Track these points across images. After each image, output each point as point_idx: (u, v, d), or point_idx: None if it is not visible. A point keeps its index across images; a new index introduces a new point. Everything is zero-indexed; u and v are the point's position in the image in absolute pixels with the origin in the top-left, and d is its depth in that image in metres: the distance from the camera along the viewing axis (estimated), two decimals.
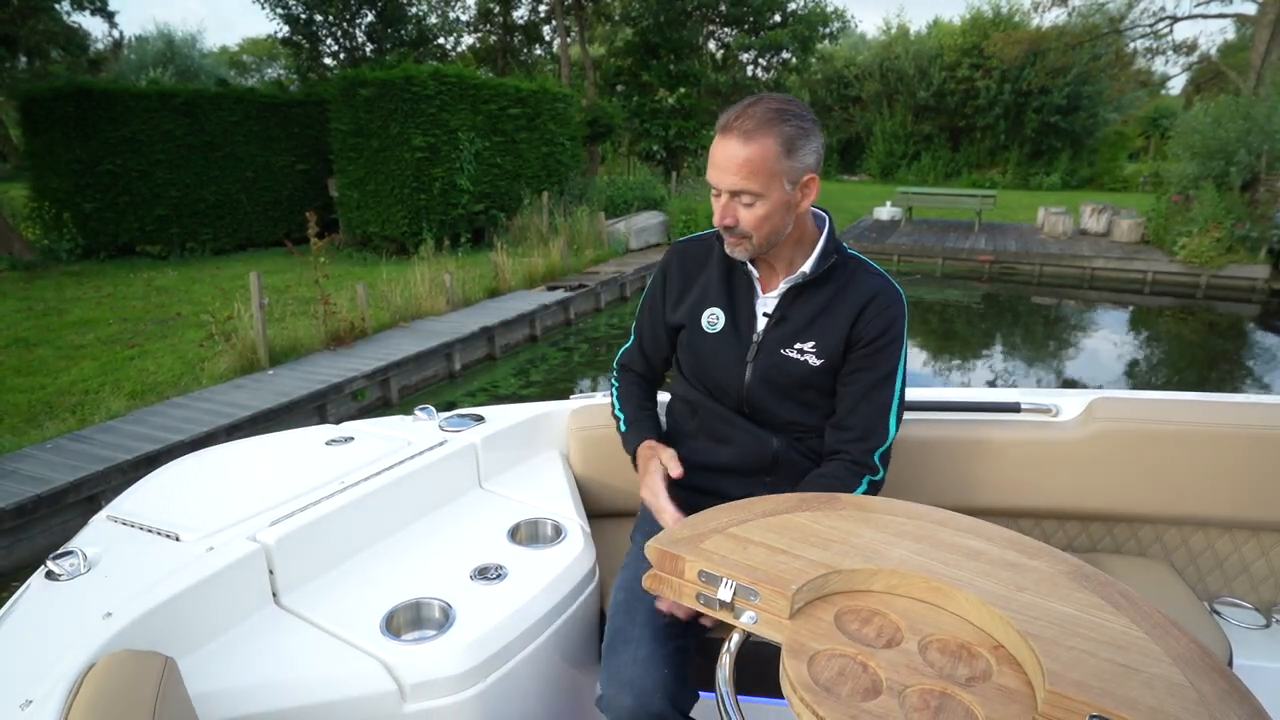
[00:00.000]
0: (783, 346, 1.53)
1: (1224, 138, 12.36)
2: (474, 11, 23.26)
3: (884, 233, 16.10)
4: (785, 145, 1.38)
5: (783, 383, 1.54)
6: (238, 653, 1.27)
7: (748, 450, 1.59)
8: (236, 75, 34.49)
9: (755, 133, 1.38)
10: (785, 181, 1.41)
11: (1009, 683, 0.91)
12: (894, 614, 1.04)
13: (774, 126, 1.37)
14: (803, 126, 1.40)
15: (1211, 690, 0.86)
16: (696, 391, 1.64)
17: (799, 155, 1.40)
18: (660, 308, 1.70)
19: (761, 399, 1.56)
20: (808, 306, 1.53)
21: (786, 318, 1.54)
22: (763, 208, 1.42)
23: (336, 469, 1.68)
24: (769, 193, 1.41)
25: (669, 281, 1.68)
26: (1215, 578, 1.91)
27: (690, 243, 1.69)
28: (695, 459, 1.63)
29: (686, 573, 1.10)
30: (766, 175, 1.39)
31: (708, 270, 1.63)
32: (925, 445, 1.90)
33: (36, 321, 8.22)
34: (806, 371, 1.52)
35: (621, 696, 1.30)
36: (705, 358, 1.60)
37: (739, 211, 1.43)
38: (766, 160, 1.38)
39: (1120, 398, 1.90)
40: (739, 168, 1.39)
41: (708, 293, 1.61)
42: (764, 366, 1.54)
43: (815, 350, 1.52)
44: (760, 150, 1.38)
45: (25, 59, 17.94)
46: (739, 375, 1.56)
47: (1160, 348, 9.98)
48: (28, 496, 4.20)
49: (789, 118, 1.39)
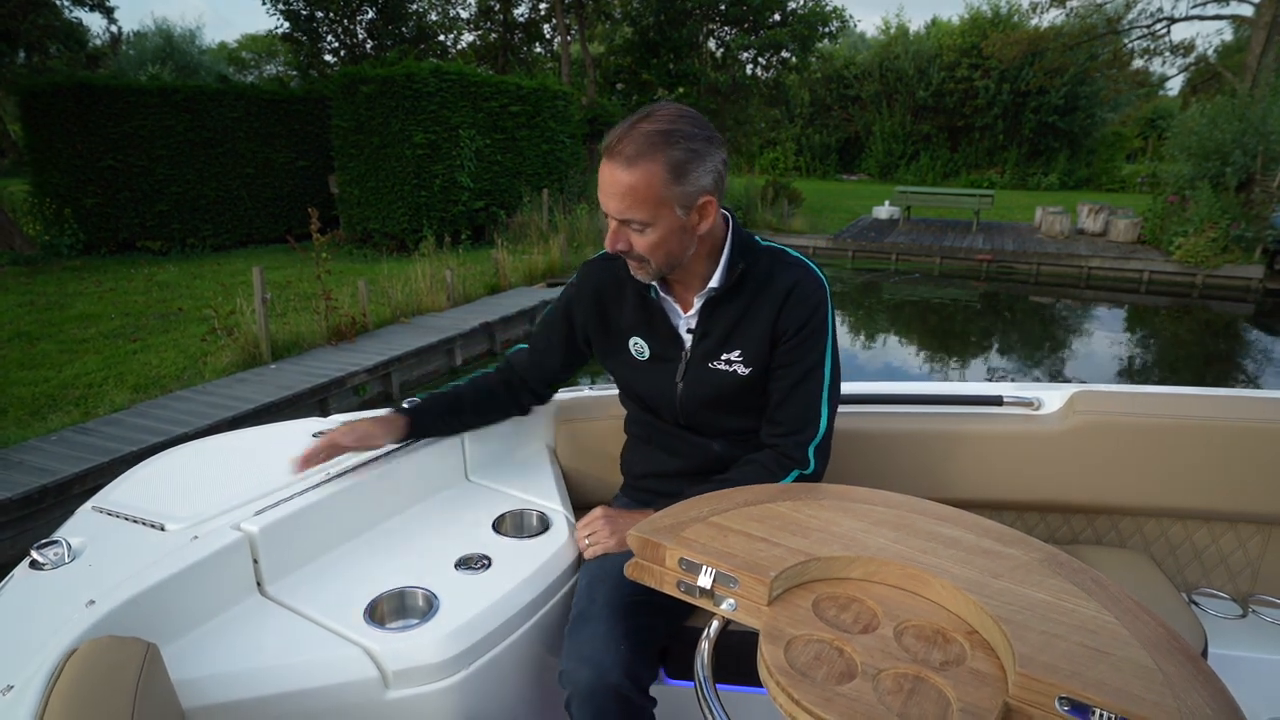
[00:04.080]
0: (710, 360, 1.51)
1: (1220, 139, 12.38)
2: (474, 9, 23.25)
3: (882, 232, 16.10)
4: (672, 171, 1.29)
5: (715, 395, 1.53)
6: (221, 640, 1.26)
7: (691, 457, 1.61)
8: (236, 72, 34.33)
9: (638, 159, 1.28)
10: (676, 208, 1.33)
11: (981, 666, 0.93)
12: (871, 600, 1.06)
13: (658, 151, 1.28)
14: (692, 148, 1.30)
15: (1177, 672, 0.89)
16: (636, 407, 1.67)
17: (689, 180, 1.31)
18: (560, 332, 1.68)
19: (697, 413, 1.56)
20: (727, 315, 1.49)
21: (708, 332, 1.51)
22: (653, 234, 1.35)
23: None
24: (657, 220, 1.33)
25: (577, 310, 1.64)
26: (1193, 569, 1.93)
27: (600, 267, 1.61)
28: (651, 466, 1.69)
29: (667, 560, 1.12)
30: (653, 203, 1.31)
31: (623, 296, 1.58)
32: (907, 438, 1.91)
33: (38, 316, 8.24)
34: (736, 381, 1.50)
35: (580, 670, 1.32)
36: (638, 383, 1.61)
37: (631, 237, 1.36)
38: (652, 188, 1.29)
39: (1101, 391, 1.92)
40: (622, 196, 1.31)
41: (628, 321, 1.58)
42: (694, 384, 1.53)
43: (742, 359, 1.49)
44: (644, 177, 1.29)
45: (24, 54, 17.89)
46: (671, 394, 1.56)
47: (1156, 346, 10.03)
48: (34, 487, 4.25)
49: (675, 140, 1.29)
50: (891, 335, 10.31)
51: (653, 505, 1.45)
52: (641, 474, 1.73)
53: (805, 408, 1.48)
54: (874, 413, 1.95)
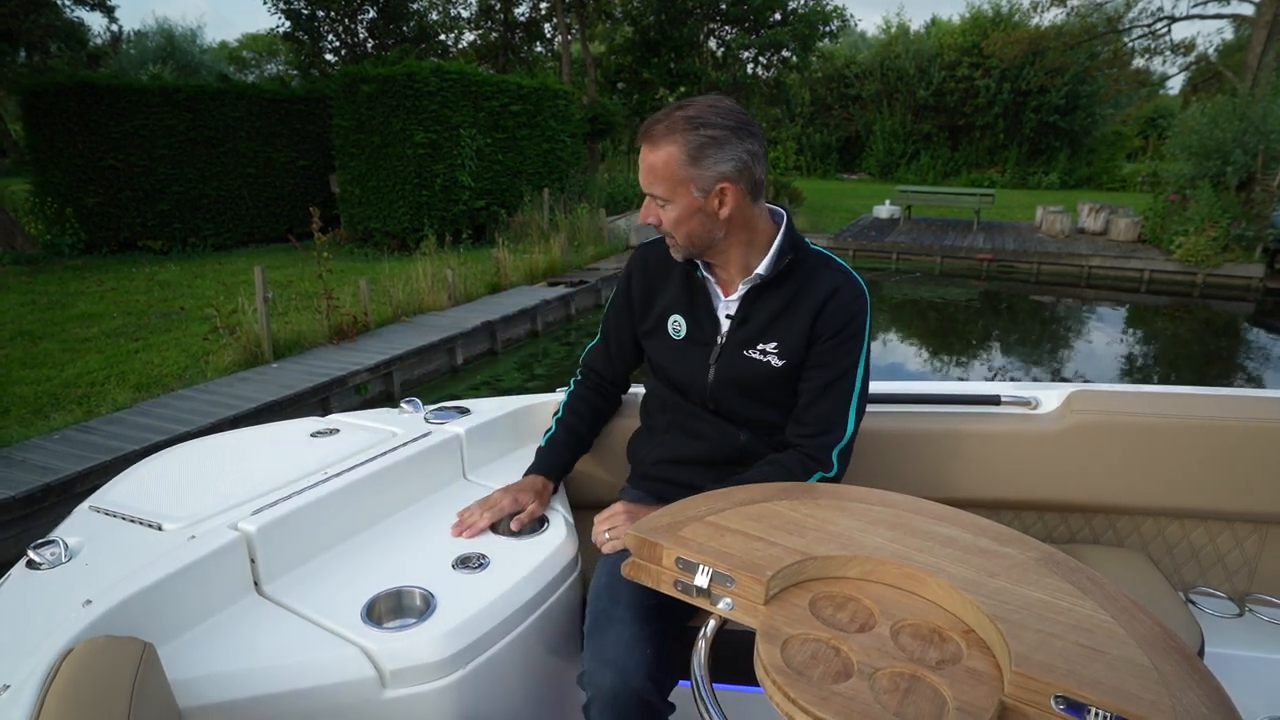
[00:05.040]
0: (745, 348, 1.55)
1: (1220, 138, 12.38)
2: (475, 8, 23.26)
3: (883, 231, 16.09)
4: (689, 154, 1.39)
5: (746, 383, 1.56)
6: (218, 640, 1.26)
7: (717, 444, 1.62)
8: (236, 71, 34.37)
9: (661, 139, 1.40)
10: (693, 189, 1.42)
11: (978, 665, 0.93)
12: (868, 599, 1.06)
13: (680, 134, 1.39)
14: (713, 135, 1.39)
15: (1172, 670, 0.89)
16: (666, 389, 1.68)
17: (706, 164, 1.40)
18: (625, 312, 1.73)
19: (726, 398, 1.59)
20: (768, 307, 1.53)
21: (748, 319, 1.55)
22: (673, 211, 1.45)
23: (320, 459, 1.68)
24: (675, 198, 1.43)
25: (633, 287, 1.70)
26: (1190, 568, 1.93)
27: (652, 248, 1.69)
28: (668, 453, 1.68)
29: (664, 560, 1.12)
30: (670, 181, 1.41)
31: (670, 276, 1.64)
32: (906, 438, 1.91)
33: (40, 315, 8.25)
34: (769, 372, 1.53)
35: (603, 673, 1.32)
36: (671, 362, 1.64)
37: (659, 212, 1.47)
38: (669, 166, 1.40)
39: (1098, 391, 1.92)
40: (646, 171, 1.43)
41: (671, 299, 1.63)
42: (726, 368, 1.56)
43: (777, 351, 1.52)
44: (664, 157, 1.40)
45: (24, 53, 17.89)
46: (703, 377, 1.59)
47: (1156, 346, 10.04)
48: (37, 485, 4.26)
49: (699, 126, 1.38)
50: (892, 334, 10.30)
51: (665, 497, 1.45)
52: (656, 460, 1.71)
53: (834, 410, 1.51)
54: (872, 412, 1.93)
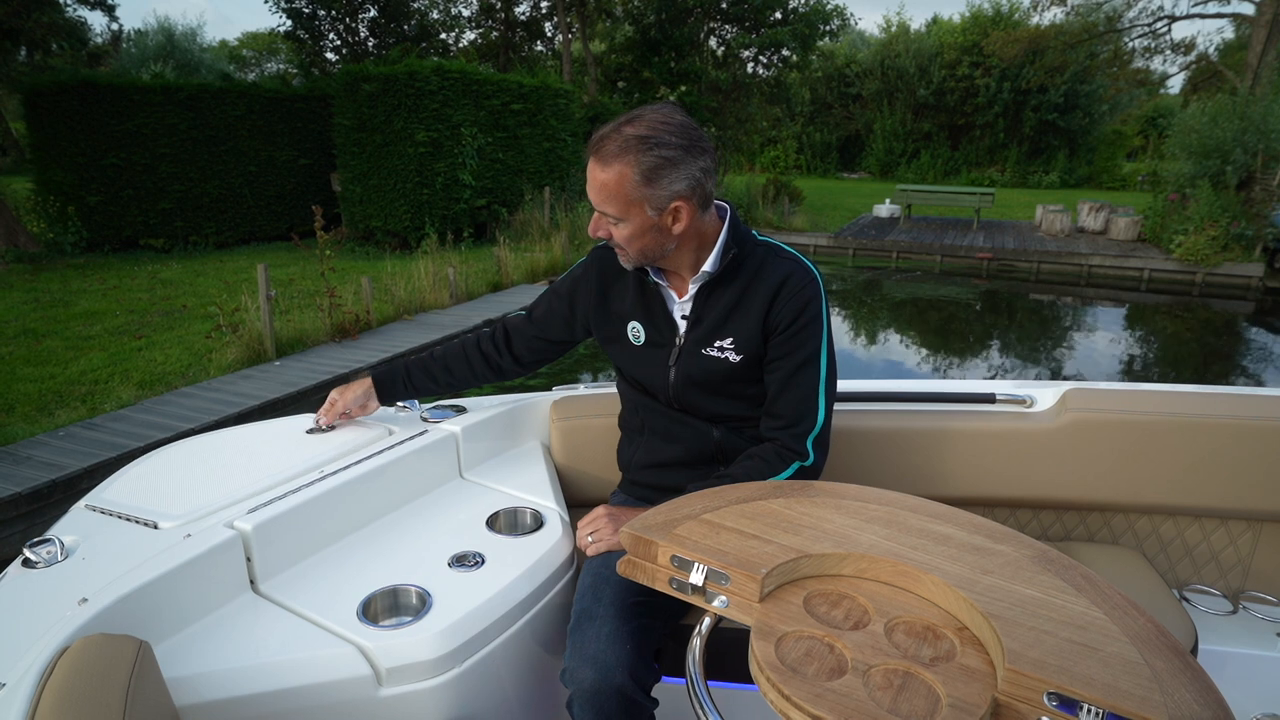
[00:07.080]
0: (702, 346, 1.55)
1: (1220, 137, 12.38)
2: (476, 7, 23.25)
3: (883, 230, 16.11)
4: (643, 175, 1.36)
5: (707, 381, 1.57)
6: (214, 638, 1.26)
7: (691, 443, 1.63)
8: (237, 70, 34.32)
9: (612, 159, 1.37)
10: (647, 208, 1.40)
11: (971, 662, 0.94)
12: (862, 597, 1.06)
13: (632, 155, 1.36)
14: (666, 155, 1.36)
15: (1164, 667, 0.89)
16: (635, 392, 1.70)
17: (660, 184, 1.38)
18: (561, 314, 1.73)
19: (691, 397, 1.60)
20: (721, 303, 1.53)
21: (701, 318, 1.55)
22: (626, 229, 1.43)
23: (316, 458, 1.68)
24: (628, 217, 1.41)
25: (582, 292, 1.69)
26: (1185, 565, 1.94)
27: (608, 253, 1.66)
28: (649, 458, 1.69)
29: (659, 557, 1.13)
30: (623, 201, 1.39)
31: (625, 282, 1.64)
32: (901, 436, 1.92)
33: (43, 313, 8.27)
34: (728, 368, 1.54)
35: (584, 669, 1.32)
36: (633, 366, 1.65)
37: (610, 227, 1.45)
38: (622, 186, 1.38)
39: (1093, 389, 1.93)
40: (598, 189, 1.40)
41: (628, 306, 1.63)
42: (686, 368, 1.57)
43: (734, 346, 1.53)
44: (615, 176, 1.37)
45: (25, 52, 17.89)
46: (664, 378, 1.60)
47: (1156, 344, 10.04)
48: (41, 482, 4.28)
49: (651, 146, 1.35)
50: (892, 333, 10.31)
51: (652, 501, 1.47)
52: (640, 466, 1.73)
53: (802, 400, 1.51)
54: (867, 410, 1.96)
